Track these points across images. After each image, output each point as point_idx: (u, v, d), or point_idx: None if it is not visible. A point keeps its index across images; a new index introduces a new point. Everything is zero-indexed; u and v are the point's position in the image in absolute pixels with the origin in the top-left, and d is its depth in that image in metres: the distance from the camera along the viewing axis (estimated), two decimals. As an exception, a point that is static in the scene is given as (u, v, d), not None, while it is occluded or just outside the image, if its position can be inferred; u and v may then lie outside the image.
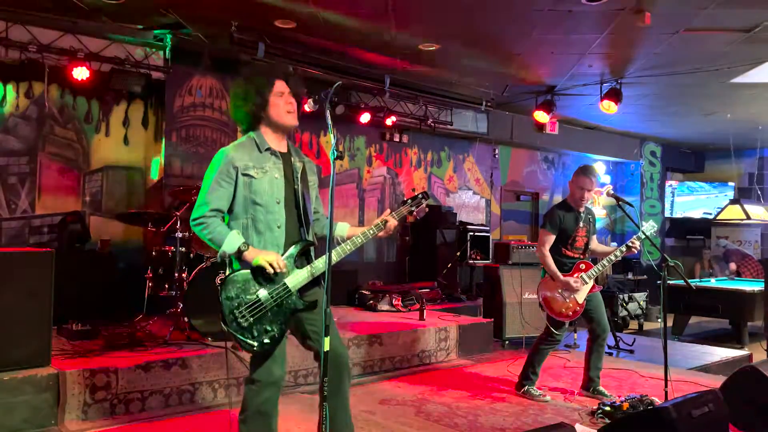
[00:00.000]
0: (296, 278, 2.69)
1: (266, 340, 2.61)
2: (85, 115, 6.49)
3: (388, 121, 8.16)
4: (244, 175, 2.67)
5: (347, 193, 8.70)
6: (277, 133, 2.81)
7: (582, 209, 4.63)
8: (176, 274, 5.10)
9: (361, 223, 8.80)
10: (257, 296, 2.62)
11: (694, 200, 12.74)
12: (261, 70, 2.87)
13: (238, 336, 2.59)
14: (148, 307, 5.31)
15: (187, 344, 4.63)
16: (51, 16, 5.74)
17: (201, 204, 2.66)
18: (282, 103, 2.75)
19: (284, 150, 2.83)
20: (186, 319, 4.93)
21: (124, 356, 4.18)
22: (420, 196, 2.98)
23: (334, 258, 2.66)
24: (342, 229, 2.94)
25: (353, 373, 5.08)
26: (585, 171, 4.60)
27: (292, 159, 2.84)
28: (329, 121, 2.54)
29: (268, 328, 2.62)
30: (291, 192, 2.77)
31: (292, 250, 2.71)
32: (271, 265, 2.58)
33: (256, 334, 2.60)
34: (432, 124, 8.73)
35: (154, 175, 6.80)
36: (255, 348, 2.60)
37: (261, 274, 2.63)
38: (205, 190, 2.67)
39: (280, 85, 2.75)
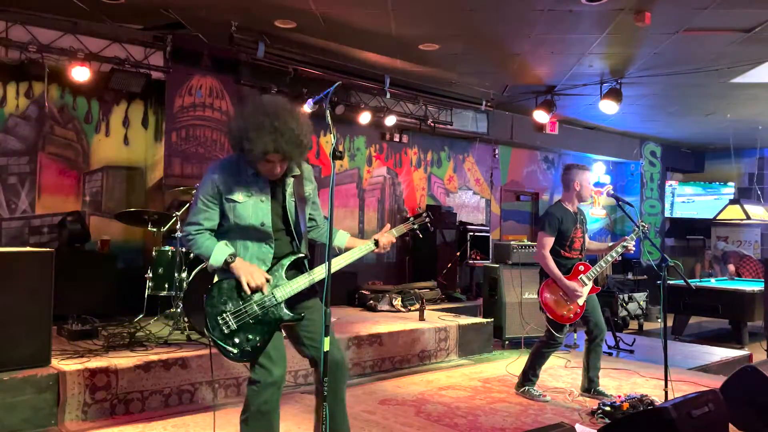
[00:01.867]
0: (285, 289, 2.71)
1: (247, 348, 2.63)
2: (85, 115, 6.49)
3: (388, 121, 8.16)
4: (228, 200, 2.68)
5: (347, 193, 8.70)
6: None
7: (577, 209, 4.64)
8: (176, 274, 5.10)
9: (361, 223, 8.80)
10: (242, 305, 2.64)
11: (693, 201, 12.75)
12: (256, 136, 2.50)
13: (219, 342, 2.61)
14: (148, 307, 5.32)
15: (187, 344, 4.63)
16: (51, 16, 5.74)
17: (191, 223, 2.72)
18: (269, 167, 2.63)
19: None
20: (186, 319, 4.93)
21: (124, 356, 4.18)
22: (426, 219, 3.01)
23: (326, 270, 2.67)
24: (341, 239, 2.95)
25: (353, 373, 5.10)
26: (582, 166, 4.65)
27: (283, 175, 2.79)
28: (329, 121, 2.54)
29: (251, 336, 2.63)
30: (279, 210, 2.77)
31: (283, 261, 2.73)
32: (249, 284, 2.60)
33: (237, 341, 2.61)
34: (432, 124, 8.73)
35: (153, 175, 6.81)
36: (234, 355, 2.62)
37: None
38: (195, 210, 2.72)
39: (272, 157, 2.57)
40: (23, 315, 3.77)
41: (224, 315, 2.62)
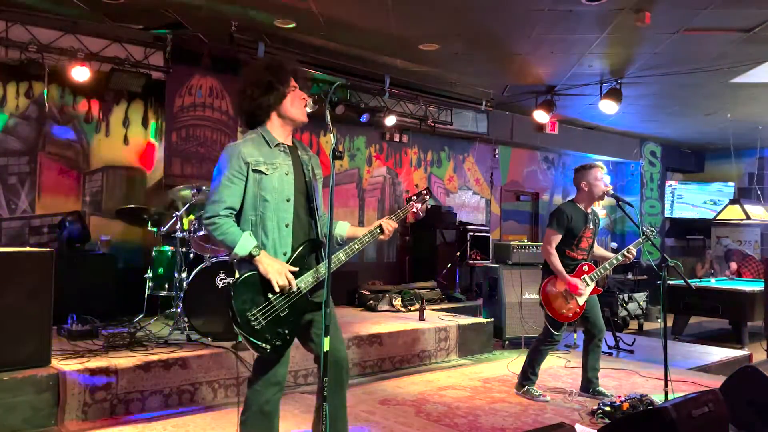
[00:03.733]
0: (308, 279, 2.68)
1: (278, 342, 2.58)
2: (85, 115, 6.49)
3: (388, 121, 8.15)
4: (255, 171, 2.63)
5: (347, 193, 8.70)
6: (285, 128, 2.78)
7: (590, 209, 4.64)
8: (176, 274, 5.10)
9: (361, 224, 8.79)
10: (270, 299, 2.59)
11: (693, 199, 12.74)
12: (277, 62, 2.82)
13: (251, 339, 2.53)
14: (148, 307, 5.32)
15: (187, 344, 4.63)
16: (51, 16, 5.74)
17: (214, 201, 2.61)
18: (297, 99, 2.75)
19: (290, 144, 2.81)
20: (186, 319, 4.93)
21: (124, 356, 4.18)
22: (424, 192, 3.07)
23: (343, 257, 2.71)
24: (342, 228, 2.92)
25: (353, 373, 5.10)
26: (592, 164, 4.67)
27: (300, 153, 2.82)
28: (329, 121, 2.54)
29: (280, 330, 2.59)
30: (302, 186, 2.75)
31: (302, 250, 2.69)
32: (278, 283, 2.56)
33: (268, 336, 2.56)
34: (432, 124, 8.73)
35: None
36: (268, 350, 2.56)
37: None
38: (218, 187, 2.62)
39: (292, 81, 2.76)
40: (23, 315, 3.77)
41: (253, 312, 2.55)
